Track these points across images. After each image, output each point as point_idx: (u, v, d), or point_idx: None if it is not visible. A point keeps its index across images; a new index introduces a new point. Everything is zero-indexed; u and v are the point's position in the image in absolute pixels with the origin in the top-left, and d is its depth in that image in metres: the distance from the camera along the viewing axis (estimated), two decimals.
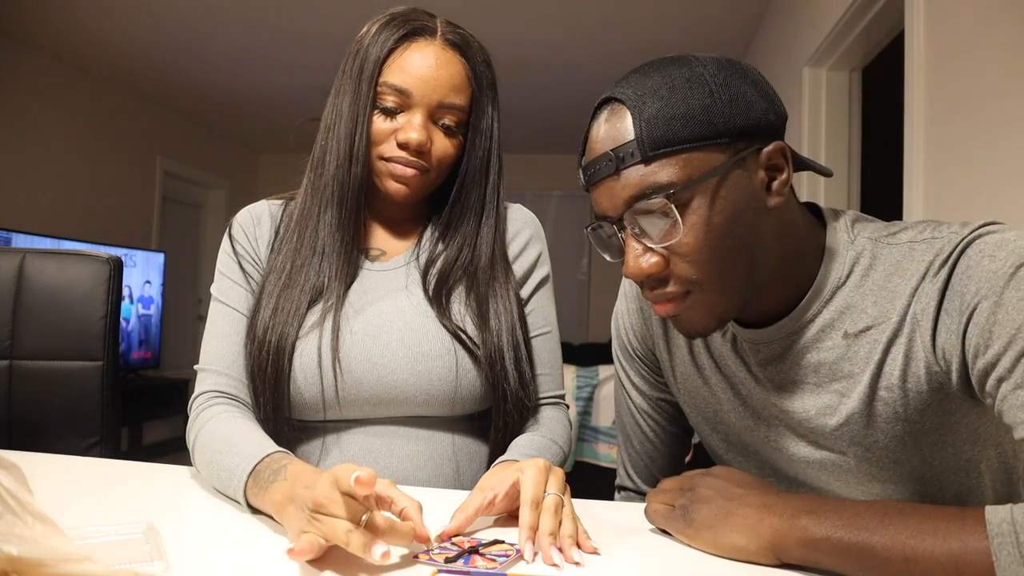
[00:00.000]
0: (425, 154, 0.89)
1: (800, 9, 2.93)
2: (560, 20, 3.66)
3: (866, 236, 0.72)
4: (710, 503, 0.67)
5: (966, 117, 1.61)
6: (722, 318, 0.69)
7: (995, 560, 0.53)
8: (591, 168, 0.68)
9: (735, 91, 0.65)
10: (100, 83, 4.73)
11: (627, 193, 0.65)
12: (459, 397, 0.89)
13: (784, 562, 0.63)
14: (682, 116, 0.63)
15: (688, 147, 0.64)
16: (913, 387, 0.67)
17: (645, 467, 0.94)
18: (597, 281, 6.42)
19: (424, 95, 0.87)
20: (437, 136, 0.90)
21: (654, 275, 0.67)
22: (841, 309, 0.71)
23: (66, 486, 0.80)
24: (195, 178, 5.89)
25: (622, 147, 0.65)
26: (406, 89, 0.87)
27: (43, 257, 1.19)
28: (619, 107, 0.67)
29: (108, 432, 1.17)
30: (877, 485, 0.73)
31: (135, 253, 4.39)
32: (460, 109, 0.90)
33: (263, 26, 3.87)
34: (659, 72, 0.66)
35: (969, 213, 1.57)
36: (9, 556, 0.39)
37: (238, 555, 0.62)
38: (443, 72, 0.88)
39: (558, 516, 0.66)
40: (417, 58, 0.88)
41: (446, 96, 0.88)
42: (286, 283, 0.90)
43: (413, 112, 0.88)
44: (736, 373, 0.79)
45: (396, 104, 0.88)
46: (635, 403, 0.93)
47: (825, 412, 0.72)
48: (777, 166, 0.68)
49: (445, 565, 0.59)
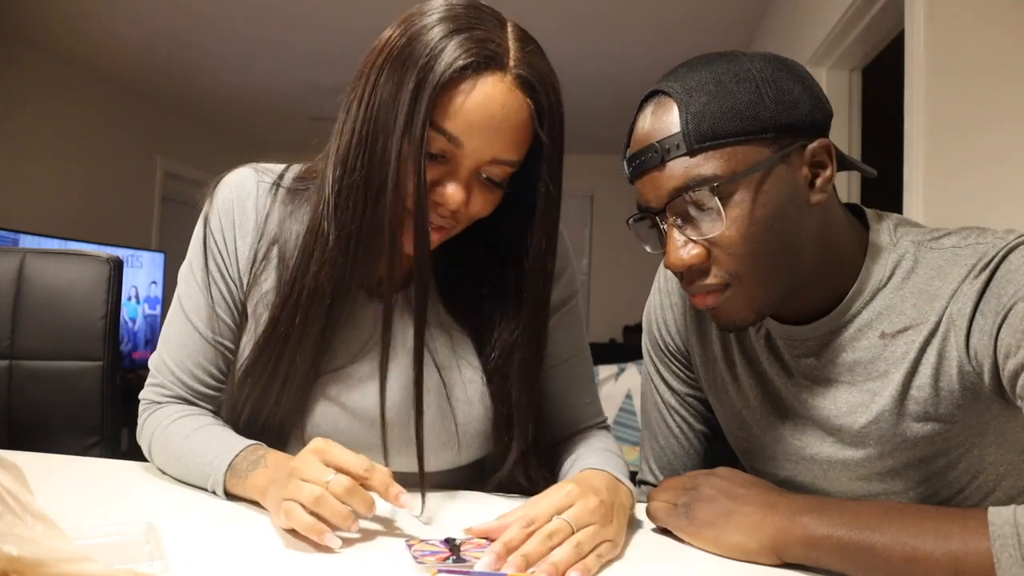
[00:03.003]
0: (459, 214, 0.75)
1: (800, 9, 2.93)
2: (559, 20, 3.66)
3: (909, 239, 0.72)
4: (712, 502, 0.67)
5: (966, 117, 1.61)
6: (760, 312, 0.70)
7: (996, 562, 0.53)
8: (636, 159, 0.69)
9: (781, 87, 0.65)
10: (100, 83, 4.73)
11: (671, 185, 0.66)
12: (462, 463, 0.85)
13: (785, 561, 0.63)
14: (728, 111, 0.64)
15: (733, 141, 0.64)
16: (945, 386, 0.67)
17: (668, 463, 0.94)
18: (597, 281, 6.42)
19: (476, 149, 0.71)
20: (476, 192, 0.75)
21: (695, 267, 0.68)
22: (880, 310, 0.71)
23: (66, 486, 0.79)
24: (195, 178, 5.89)
25: (668, 139, 0.66)
26: (459, 139, 0.70)
27: (43, 257, 1.19)
28: (666, 100, 0.67)
29: (108, 432, 1.17)
30: (899, 482, 0.73)
31: (141, 254, 4.40)
32: (512, 165, 0.74)
33: (263, 26, 3.87)
34: (706, 67, 0.67)
35: (969, 213, 1.57)
36: (9, 556, 0.39)
37: (238, 555, 0.62)
38: (505, 124, 0.71)
39: (550, 542, 0.60)
40: (480, 102, 0.70)
41: (501, 152, 0.72)
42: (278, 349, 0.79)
43: (459, 165, 0.72)
44: (768, 370, 0.79)
45: (441, 152, 0.72)
46: (663, 398, 0.92)
47: (856, 410, 0.72)
48: (821, 163, 0.68)
49: (445, 565, 0.59)
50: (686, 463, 0.93)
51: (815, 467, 0.76)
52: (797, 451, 0.77)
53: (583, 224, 6.55)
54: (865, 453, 0.72)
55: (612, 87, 4.60)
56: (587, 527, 0.63)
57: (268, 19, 3.77)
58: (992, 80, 1.51)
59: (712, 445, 0.92)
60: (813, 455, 0.76)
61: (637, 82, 4.44)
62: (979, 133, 1.55)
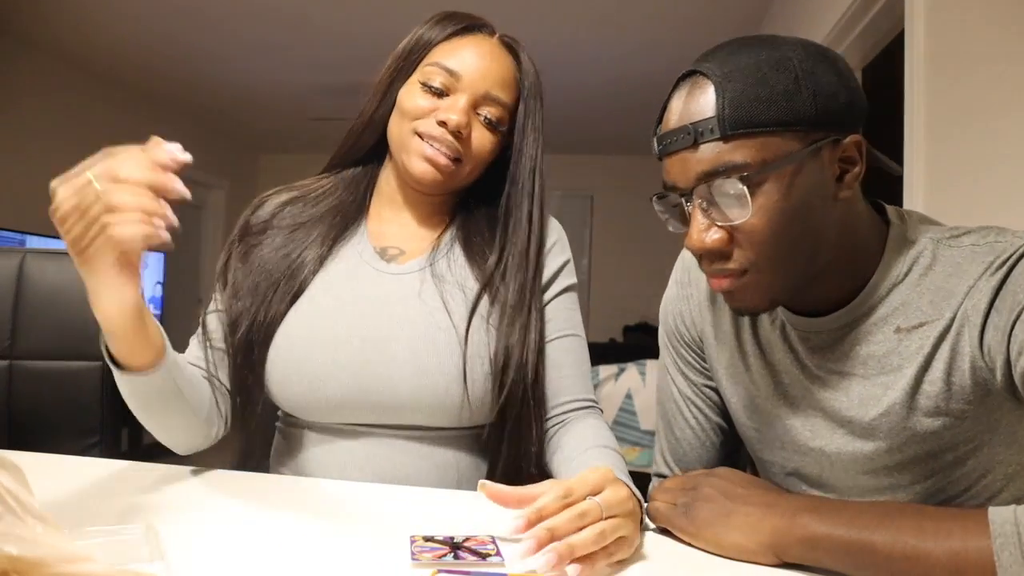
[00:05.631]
0: (463, 140, 0.88)
1: (800, 9, 2.93)
2: (557, 21, 3.66)
3: (929, 236, 0.72)
4: (712, 502, 0.67)
5: (966, 117, 1.61)
6: (774, 299, 0.70)
7: (996, 560, 0.53)
8: (668, 138, 0.69)
9: (820, 80, 0.65)
10: (100, 83, 4.73)
11: (701, 168, 0.66)
12: (465, 412, 0.87)
13: (785, 562, 0.63)
14: (766, 99, 0.63)
15: (767, 131, 0.64)
16: (957, 382, 0.67)
17: (684, 454, 0.93)
18: (597, 281, 6.42)
19: (473, 81, 0.88)
20: (477, 127, 0.90)
21: (715, 250, 0.68)
22: (897, 305, 0.71)
23: (66, 486, 0.79)
24: (195, 178, 5.88)
25: (702, 122, 0.65)
26: (456, 71, 0.88)
27: (43, 257, 1.19)
28: (703, 81, 0.67)
29: (108, 432, 1.17)
30: (907, 476, 0.73)
31: (146, 255, 4.40)
32: (504, 106, 0.91)
33: (264, 25, 3.87)
34: (747, 51, 0.66)
35: (969, 213, 1.57)
36: (9, 556, 0.39)
37: (238, 555, 0.62)
38: (495, 64, 0.90)
39: (580, 521, 0.59)
40: (473, 46, 0.90)
41: (493, 88, 0.89)
42: (267, 264, 0.92)
43: (458, 96, 0.88)
44: (781, 361, 0.79)
45: (443, 85, 0.88)
46: (679, 389, 0.93)
47: (867, 402, 0.72)
48: (851, 159, 0.68)
49: (442, 563, 0.59)
50: (701, 455, 0.92)
51: (823, 459, 0.76)
52: (806, 442, 0.77)
53: (583, 224, 6.55)
54: (874, 446, 0.72)
55: (611, 89, 4.60)
56: (613, 518, 0.62)
57: (268, 19, 3.77)
58: (992, 80, 1.51)
59: (728, 440, 0.93)
60: (822, 447, 0.76)
61: (636, 84, 4.47)
62: (979, 133, 1.55)
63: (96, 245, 0.65)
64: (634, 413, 2.93)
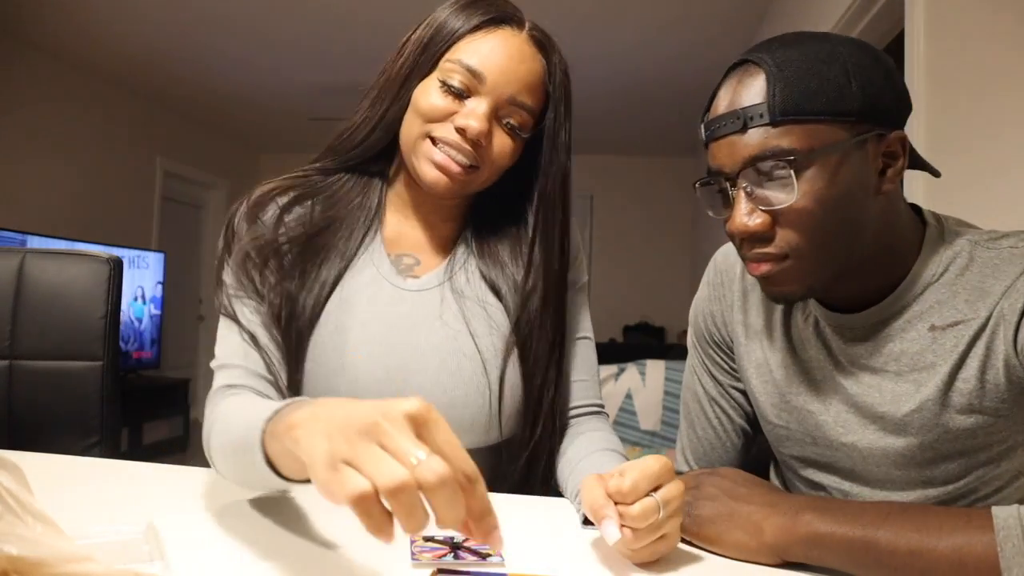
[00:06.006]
0: (481, 148, 0.81)
1: (800, 9, 2.93)
2: (556, 19, 3.66)
3: (966, 238, 0.73)
4: (714, 500, 0.67)
5: (966, 117, 1.61)
6: (811, 288, 0.71)
7: (1000, 552, 0.54)
8: (717, 123, 0.70)
9: (869, 75, 0.66)
10: (100, 83, 4.73)
11: (748, 152, 0.67)
12: (492, 435, 0.86)
13: (786, 561, 0.63)
14: (816, 89, 0.65)
15: (815, 119, 0.65)
16: (991, 380, 0.68)
17: (704, 453, 0.94)
18: (597, 281, 6.42)
19: (497, 84, 0.80)
20: (498, 133, 0.82)
21: (758, 233, 0.69)
22: (932, 303, 0.72)
23: (66, 486, 0.79)
24: (195, 178, 5.89)
25: (751, 108, 0.67)
26: (480, 72, 0.79)
27: (43, 257, 1.18)
28: (755, 70, 0.68)
29: (108, 432, 1.16)
30: (939, 472, 0.73)
31: (147, 255, 4.42)
32: (529, 111, 0.83)
33: (264, 26, 3.87)
34: (799, 44, 0.68)
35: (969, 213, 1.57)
36: (9, 556, 0.39)
37: (238, 555, 0.62)
38: (523, 67, 0.81)
39: (654, 513, 0.59)
40: (499, 44, 0.81)
41: (519, 92, 0.81)
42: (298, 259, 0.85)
43: (480, 99, 0.80)
44: (815, 357, 0.80)
45: (463, 86, 0.80)
46: (704, 388, 0.94)
47: (900, 399, 0.73)
48: (894, 154, 0.69)
49: (445, 563, 0.59)
50: (722, 455, 0.93)
51: (855, 453, 0.77)
52: (838, 437, 0.78)
53: (583, 224, 6.55)
54: (906, 442, 0.73)
55: (610, 89, 4.59)
56: (671, 518, 0.61)
57: (268, 19, 3.78)
58: (992, 80, 1.51)
59: (751, 445, 0.93)
60: (854, 442, 0.76)
61: (635, 84, 4.47)
62: (979, 133, 1.56)
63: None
64: (634, 413, 2.93)
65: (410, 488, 0.42)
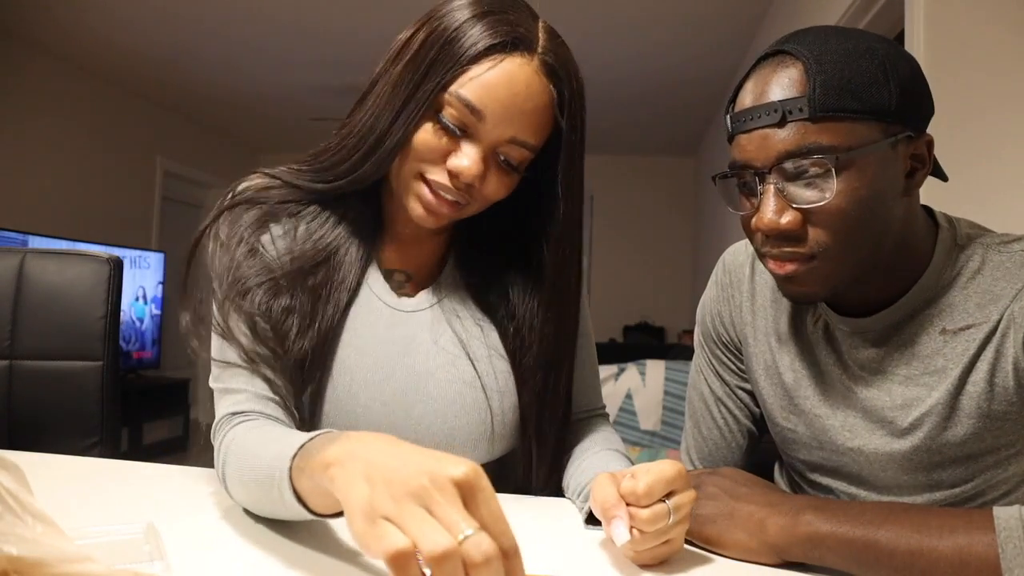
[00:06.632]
0: (474, 188, 0.76)
1: (800, 9, 2.93)
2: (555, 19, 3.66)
3: (978, 241, 0.73)
4: (715, 500, 0.67)
5: (966, 117, 1.61)
6: (833, 289, 0.70)
7: (1000, 552, 0.54)
8: (748, 115, 0.67)
9: (904, 75, 0.65)
10: (100, 83, 4.73)
11: (784, 147, 0.65)
12: (494, 453, 0.85)
13: (786, 561, 0.63)
14: (857, 86, 0.64)
15: (855, 117, 0.64)
16: (1000, 383, 0.68)
17: (709, 453, 0.94)
18: (597, 281, 6.41)
19: (497, 125, 0.73)
20: (492, 172, 0.77)
21: (787, 232, 0.67)
22: (944, 307, 0.72)
23: (66, 486, 0.79)
24: (195, 178, 5.88)
25: (790, 101, 0.65)
26: (480, 111, 0.72)
27: (43, 257, 1.18)
28: (792, 61, 0.66)
29: (108, 432, 1.16)
30: (946, 476, 0.73)
31: (148, 255, 4.42)
32: (530, 149, 0.77)
33: (263, 25, 3.87)
34: (836, 37, 0.66)
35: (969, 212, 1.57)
36: (9, 556, 0.39)
37: (238, 555, 0.62)
38: (528, 105, 0.74)
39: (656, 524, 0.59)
40: (505, 80, 0.72)
41: (521, 132, 0.74)
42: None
43: (477, 139, 0.74)
44: (824, 360, 0.79)
45: (460, 124, 0.74)
46: (711, 388, 0.94)
47: (910, 403, 0.72)
48: (921, 157, 0.69)
49: None
50: (727, 456, 0.93)
51: (861, 458, 0.77)
52: (844, 442, 0.77)
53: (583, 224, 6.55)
54: (913, 446, 0.73)
55: (610, 89, 4.59)
56: (679, 524, 0.61)
57: (269, 19, 3.77)
58: (992, 80, 1.51)
59: (756, 446, 0.93)
60: (860, 446, 0.76)
61: (634, 84, 4.47)
62: (979, 133, 1.55)
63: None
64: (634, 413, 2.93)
65: (455, 557, 0.41)
